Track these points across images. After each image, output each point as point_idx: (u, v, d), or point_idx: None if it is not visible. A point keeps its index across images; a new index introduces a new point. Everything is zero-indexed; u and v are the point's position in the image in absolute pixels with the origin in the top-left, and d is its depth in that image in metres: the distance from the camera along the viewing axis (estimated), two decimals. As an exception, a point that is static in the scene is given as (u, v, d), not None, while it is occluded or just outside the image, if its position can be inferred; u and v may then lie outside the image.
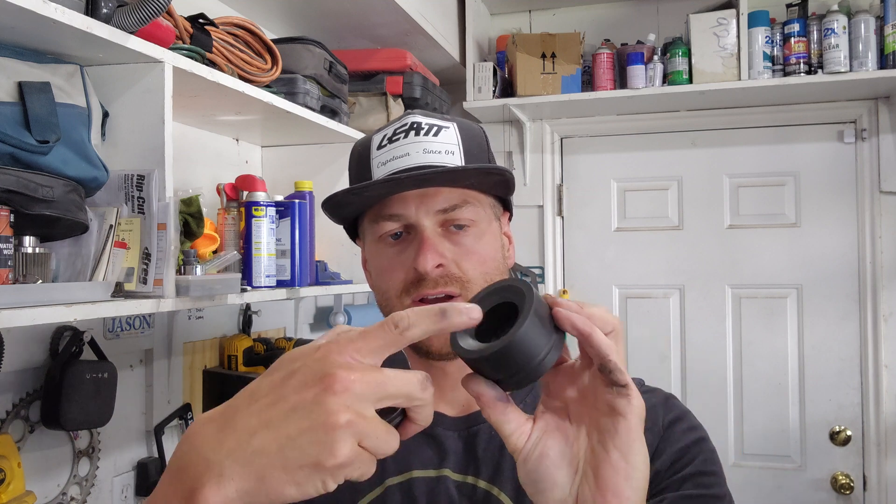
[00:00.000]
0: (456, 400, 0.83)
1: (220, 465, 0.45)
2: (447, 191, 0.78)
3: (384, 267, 0.80)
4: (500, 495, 0.78)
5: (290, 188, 1.75)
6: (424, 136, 0.79)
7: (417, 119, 0.81)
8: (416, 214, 0.78)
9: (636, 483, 0.52)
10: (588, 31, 2.57)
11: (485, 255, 0.79)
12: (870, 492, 2.35)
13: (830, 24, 2.18)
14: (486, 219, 0.81)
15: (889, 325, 2.35)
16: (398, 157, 0.79)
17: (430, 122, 0.81)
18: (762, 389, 2.46)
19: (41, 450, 1.31)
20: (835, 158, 2.43)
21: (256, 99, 1.45)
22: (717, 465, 0.79)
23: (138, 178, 1.16)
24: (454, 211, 0.78)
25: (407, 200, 0.78)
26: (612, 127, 2.61)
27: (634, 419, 0.51)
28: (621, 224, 2.62)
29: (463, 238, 0.79)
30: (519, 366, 0.51)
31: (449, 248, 0.78)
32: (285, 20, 1.98)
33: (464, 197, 0.79)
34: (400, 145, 0.79)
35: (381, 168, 0.79)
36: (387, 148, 0.80)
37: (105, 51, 1.10)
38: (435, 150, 0.79)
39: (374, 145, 0.82)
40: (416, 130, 0.80)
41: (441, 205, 0.78)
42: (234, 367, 1.80)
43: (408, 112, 0.84)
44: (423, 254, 0.76)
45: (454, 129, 0.82)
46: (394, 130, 0.81)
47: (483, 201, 0.81)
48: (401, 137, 0.80)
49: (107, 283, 1.08)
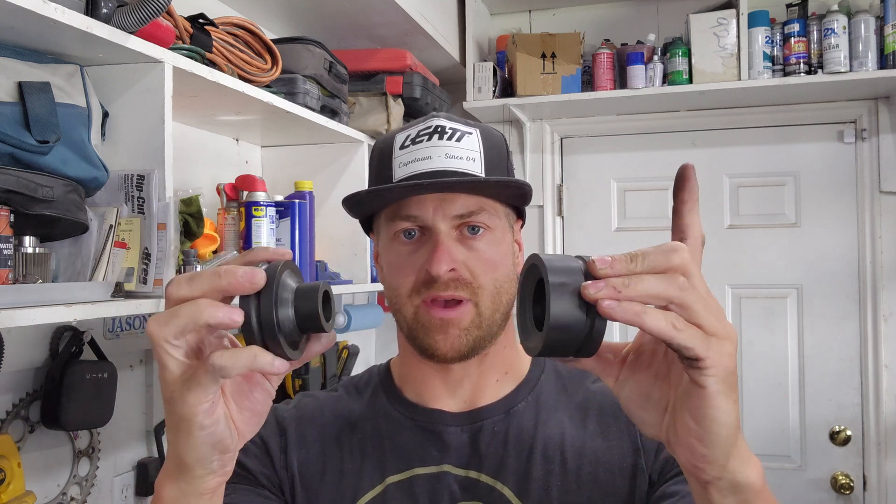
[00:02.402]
0: (459, 397, 0.84)
1: None
2: (465, 197, 0.78)
3: (396, 265, 0.81)
4: (503, 489, 0.78)
5: (290, 188, 1.75)
6: (448, 140, 0.80)
7: (442, 123, 0.81)
8: (432, 217, 0.78)
9: (713, 443, 0.50)
10: (588, 31, 2.57)
11: (496, 261, 0.80)
12: (870, 492, 2.35)
13: (830, 24, 2.18)
14: (500, 226, 0.82)
15: (889, 325, 2.35)
16: (420, 159, 0.79)
17: (453, 126, 0.81)
18: (762, 389, 2.46)
19: (41, 450, 1.31)
20: (835, 158, 2.42)
21: (256, 99, 1.45)
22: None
23: (138, 178, 1.16)
24: (470, 217, 0.79)
25: (425, 203, 0.78)
26: (612, 127, 2.61)
27: (713, 388, 0.48)
28: (621, 224, 2.61)
29: (476, 243, 0.79)
30: (573, 347, 0.49)
31: (462, 253, 0.78)
32: (285, 20, 1.98)
33: (481, 204, 0.79)
34: (423, 147, 0.80)
35: (402, 168, 0.80)
36: (410, 149, 0.80)
37: (105, 51, 1.10)
38: (457, 156, 0.79)
39: (397, 144, 0.82)
40: (439, 134, 0.80)
41: (458, 210, 0.78)
42: (234, 367, 1.80)
43: (432, 114, 0.84)
44: (437, 258, 0.76)
45: (477, 135, 0.82)
46: (418, 132, 0.81)
47: (499, 209, 0.82)
48: (424, 140, 0.80)
49: (107, 283, 1.08)
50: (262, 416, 0.58)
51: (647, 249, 0.48)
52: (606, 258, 0.48)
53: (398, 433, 0.83)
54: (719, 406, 0.48)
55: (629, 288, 0.46)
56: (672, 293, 0.47)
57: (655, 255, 0.48)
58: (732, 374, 0.49)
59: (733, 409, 0.49)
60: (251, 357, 0.50)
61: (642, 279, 0.47)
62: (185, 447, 0.54)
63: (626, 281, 0.46)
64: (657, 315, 0.46)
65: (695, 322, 0.47)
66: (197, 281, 0.52)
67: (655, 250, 0.48)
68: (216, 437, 0.54)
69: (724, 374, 0.48)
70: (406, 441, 0.82)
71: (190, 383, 0.51)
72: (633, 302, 0.46)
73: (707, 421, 0.49)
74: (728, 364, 0.48)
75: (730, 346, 0.48)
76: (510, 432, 0.81)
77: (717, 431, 0.49)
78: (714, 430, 0.49)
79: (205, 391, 0.51)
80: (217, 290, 0.51)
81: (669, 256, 0.48)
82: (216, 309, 0.50)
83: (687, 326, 0.47)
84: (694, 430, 0.50)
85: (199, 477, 0.56)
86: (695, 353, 0.47)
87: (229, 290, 0.51)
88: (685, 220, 0.54)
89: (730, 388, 0.49)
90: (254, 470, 0.83)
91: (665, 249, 0.48)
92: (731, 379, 0.49)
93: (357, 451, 0.83)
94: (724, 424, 0.49)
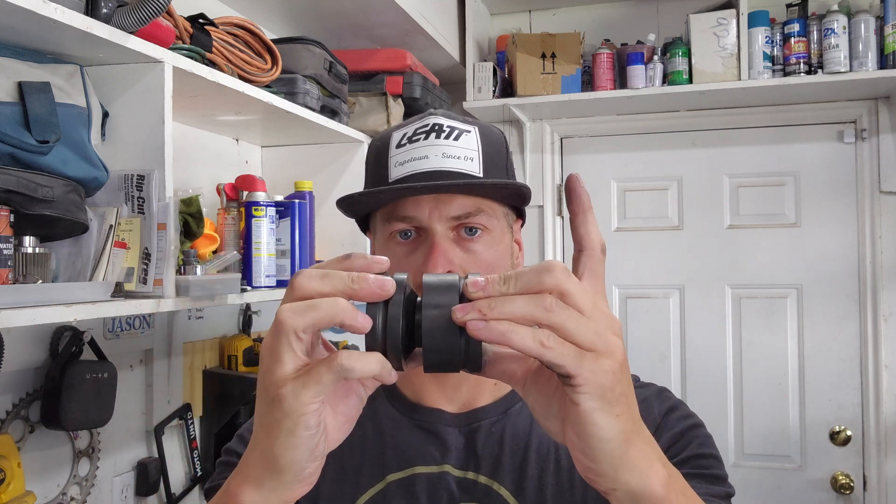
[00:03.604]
0: (457, 398, 0.84)
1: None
2: (462, 198, 0.77)
3: (392, 266, 0.80)
4: (499, 489, 0.78)
5: (290, 188, 1.75)
6: (445, 139, 0.79)
7: (439, 121, 0.80)
8: (429, 219, 0.77)
9: (596, 458, 0.50)
10: (588, 31, 2.57)
11: (493, 263, 0.79)
12: (870, 492, 2.35)
13: (830, 24, 2.18)
14: (498, 227, 0.81)
15: (889, 325, 2.35)
16: (417, 158, 0.78)
17: (451, 124, 0.80)
18: (762, 389, 2.46)
19: (41, 450, 1.31)
20: (835, 158, 2.42)
21: (256, 99, 1.45)
22: (715, 450, 0.79)
23: (138, 178, 1.16)
24: (468, 218, 0.78)
25: (421, 203, 0.77)
26: (612, 127, 2.61)
27: (586, 405, 0.48)
28: (621, 224, 2.61)
29: (473, 245, 0.78)
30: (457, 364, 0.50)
31: (458, 255, 0.78)
32: (285, 20, 1.98)
33: (478, 205, 0.78)
34: (419, 147, 0.79)
35: (398, 168, 0.79)
36: (406, 148, 0.79)
37: (105, 51, 1.10)
38: (454, 156, 0.78)
39: (394, 143, 0.81)
40: (436, 132, 0.79)
41: (455, 212, 0.77)
42: (234, 368, 1.81)
43: (430, 112, 0.83)
44: (433, 261, 0.75)
45: (475, 133, 0.81)
46: (414, 130, 0.80)
47: (497, 210, 0.81)
48: (421, 139, 0.79)
49: (107, 283, 1.08)
50: (352, 423, 0.56)
51: (521, 270, 0.48)
52: (479, 280, 0.48)
53: (399, 432, 0.83)
54: (596, 422, 0.48)
55: (495, 311, 0.47)
56: (538, 314, 0.47)
57: (528, 276, 0.48)
58: (612, 389, 0.48)
59: (615, 423, 0.49)
60: (378, 363, 0.49)
61: (510, 301, 0.47)
62: (283, 448, 0.51)
63: (493, 303, 0.47)
64: (524, 334, 0.46)
65: (569, 339, 0.47)
66: (329, 279, 0.50)
67: (530, 271, 0.48)
68: (316, 440, 0.52)
69: (598, 390, 0.48)
70: (407, 440, 0.82)
71: (307, 380, 0.49)
72: (501, 321, 0.47)
73: (587, 436, 0.49)
74: (605, 380, 0.48)
75: (609, 361, 0.48)
76: (506, 432, 0.81)
77: (598, 447, 0.49)
78: (594, 444, 0.49)
79: (322, 390, 0.49)
80: (347, 292, 0.50)
81: (542, 277, 0.48)
82: (354, 311, 0.49)
83: (559, 344, 0.47)
84: (577, 444, 0.50)
85: (287, 484, 0.53)
86: (566, 370, 0.47)
87: (359, 295, 0.50)
88: (580, 231, 0.54)
89: (610, 404, 0.48)
90: None
91: (538, 270, 0.48)
92: (611, 395, 0.48)
93: (358, 449, 0.83)
94: (604, 440, 0.49)
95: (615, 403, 0.48)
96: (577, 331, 0.47)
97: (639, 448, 0.51)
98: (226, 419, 1.75)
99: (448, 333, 0.49)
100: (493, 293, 0.48)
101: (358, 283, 0.49)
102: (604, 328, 0.48)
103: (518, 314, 0.47)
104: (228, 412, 1.75)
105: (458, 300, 0.49)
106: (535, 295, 0.47)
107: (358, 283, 0.49)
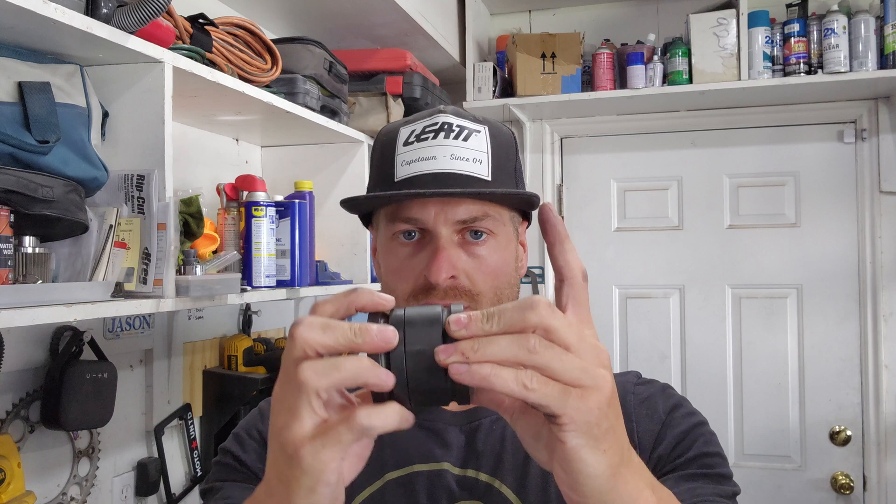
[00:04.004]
0: None
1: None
2: (469, 202, 0.76)
3: (394, 267, 0.79)
4: (501, 487, 0.78)
5: (290, 188, 1.75)
6: (454, 139, 0.77)
7: (449, 119, 0.79)
8: (434, 222, 0.76)
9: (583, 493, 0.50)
10: (588, 31, 2.57)
11: (497, 269, 0.78)
12: (870, 492, 2.35)
13: (830, 24, 2.18)
14: (505, 232, 0.80)
15: (889, 325, 2.35)
16: (424, 158, 0.77)
17: (460, 123, 0.79)
18: (762, 389, 2.46)
19: (41, 450, 1.31)
20: (835, 158, 2.43)
21: (256, 99, 1.45)
22: (720, 448, 0.79)
23: (138, 178, 1.16)
24: (474, 223, 0.77)
25: (427, 206, 0.76)
26: (612, 127, 2.61)
27: (572, 443, 0.48)
28: (621, 224, 2.62)
29: (478, 249, 0.77)
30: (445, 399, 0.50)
31: (463, 259, 0.77)
32: (285, 20, 1.98)
33: (485, 210, 0.77)
34: (427, 146, 0.77)
35: (404, 167, 0.78)
36: (413, 146, 0.78)
37: (105, 51, 1.10)
38: (463, 157, 0.77)
39: (401, 140, 0.79)
40: (445, 132, 0.78)
41: (461, 216, 0.76)
42: (234, 368, 1.81)
43: (439, 109, 0.81)
44: (437, 265, 0.74)
45: (485, 133, 0.79)
46: (423, 128, 0.79)
47: (504, 215, 0.80)
48: (429, 137, 0.78)
49: (107, 283, 1.08)
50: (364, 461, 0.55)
51: (504, 306, 0.48)
52: (462, 318, 0.48)
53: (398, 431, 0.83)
54: (583, 459, 0.48)
55: (477, 353, 0.46)
56: (522, 356, 0.46)
57: (511, 314, 0.47)
58: (598, 425, 0.48)
59: (602, 459, 0.48)
60: (396, 415, 0.48)
61: (492, 343, 0.47)
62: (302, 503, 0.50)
63: (476, 345, 0.47)
64: (507, 376, 0.46)
65: (554, 378, 0.47)
66: (331, 331, 0.48)
67: (513, 308, 0.47)
68: (337, 493, 0.50)
69: (584, 427, 0.47)
70: (406, 439, 0.82)
71: (326, 440, 0.47)
72: (484, 364, 0.46)
73: (574, 473, 0.49)
74: (591, 417, 0.47)
75: (595, 396, 0.47)
76: (507, 430, 0.81)
77: (586, 483, 0.49)
78: (581, 481, 0.49)
79: (342, 449, 0.48)
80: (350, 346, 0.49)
81: (525, 315, 0.47)
82: (377, 370, 0.48)
83: (542, 384, 0.46)
84: (565, 479, 0.50)
85: None
86: (550, 410, 0.47)
87: (362, 349, 0.49)
88: (559, 261, 0.53)
89: (596, 440, 0.48)
90: (251, 465, 0.82)
91: (522, 307, 0.47)
92: (598, 430, 0.48)
93: None
94: (591, 476, 0.49)
95: (602, 439, 0.48)
96: (563, 369, 0.47)
97: (627, 479, 0.51)
98: (226, 419, 1.75)
99: (432, 374, 0.48)
100: (477, 332, 0.47)
101: (361, 337, 0.48)
102: (590, 362, 0.48)
103: (501, 356, 0.46)
104: (228, 412, 1.75)
105: (441, 337, 0.49)
106: (518, 335, 0.47)
107: (361, 337, 0.48)
